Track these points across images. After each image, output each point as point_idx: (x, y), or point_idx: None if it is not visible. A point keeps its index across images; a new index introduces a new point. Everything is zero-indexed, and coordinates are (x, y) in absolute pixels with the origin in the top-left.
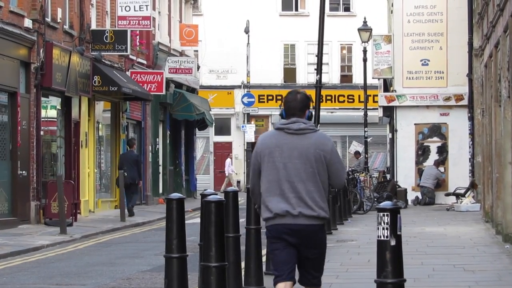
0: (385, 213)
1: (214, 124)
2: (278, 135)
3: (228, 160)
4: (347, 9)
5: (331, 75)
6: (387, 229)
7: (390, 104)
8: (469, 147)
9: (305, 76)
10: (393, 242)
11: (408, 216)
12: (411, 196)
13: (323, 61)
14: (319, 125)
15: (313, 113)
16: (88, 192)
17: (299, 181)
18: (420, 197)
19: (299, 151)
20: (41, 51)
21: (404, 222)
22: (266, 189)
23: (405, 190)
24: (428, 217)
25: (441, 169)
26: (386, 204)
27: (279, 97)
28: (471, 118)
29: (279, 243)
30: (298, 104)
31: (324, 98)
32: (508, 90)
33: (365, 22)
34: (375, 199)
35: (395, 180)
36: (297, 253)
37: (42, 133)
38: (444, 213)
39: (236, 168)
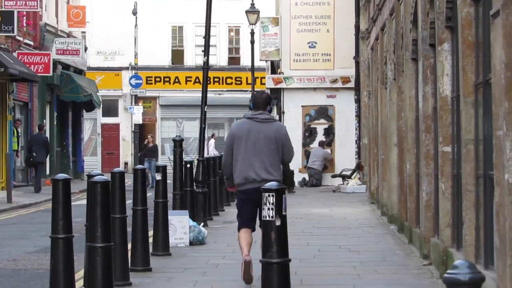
0: (270, 194)
1: (101, 106)
2: (249, 122)
3: (212, 141)
4: None
5: (219, 57)
6: (272, 209)
7: (278, 86)
8: (356, 129)
9: (193, 58)
10: (278, 223)
11: (295, 197)
12: (298, 177)
13: (211, 43)
14: (206, 106)
15: (272, 108)
16: None
17: (264, 155)
18: (307, 178)
19: (264, 134)
20: None
21: (290, 204)
22: (240, 160)
23: (292, 171)
24: (315, 198)
25: (328, 150)
26: (271, 184)
27: (167, 79)
28: (358, 100)
29: (248, 202)
30: (263, 101)
31: (211, 80)
32: (394, 73)
33: (252, 4)
34: None
35: None
36: (258, 209)
37: None
38: (330, 195)
39: (123, 150)
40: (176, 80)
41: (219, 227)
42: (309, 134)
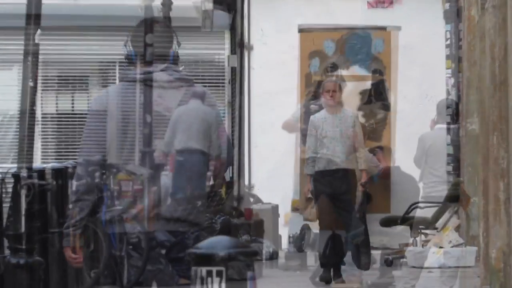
0: (215, 269)
1: None
2: (133, 90)
3: None
4: None
5: None
6: None
7: None
8: (448, 94)
9: None
10: None
11: (283, 280)
12: (292, 226)
13: None
14: (39, 33)
15: (177, 53)
16: None
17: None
18: (314, 229)
19: (183, 115)
20: None
21: None
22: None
23: (274, 208)
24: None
25: (375, 153)
26: (214, 243)
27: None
28: (454, 17)
29: None
30: (158, 39)
31: None
32: None
33: None
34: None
35: (246, 182)
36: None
37: None
38: (380, 273)
39: None
40: None
41: None
42: (320, 106)
